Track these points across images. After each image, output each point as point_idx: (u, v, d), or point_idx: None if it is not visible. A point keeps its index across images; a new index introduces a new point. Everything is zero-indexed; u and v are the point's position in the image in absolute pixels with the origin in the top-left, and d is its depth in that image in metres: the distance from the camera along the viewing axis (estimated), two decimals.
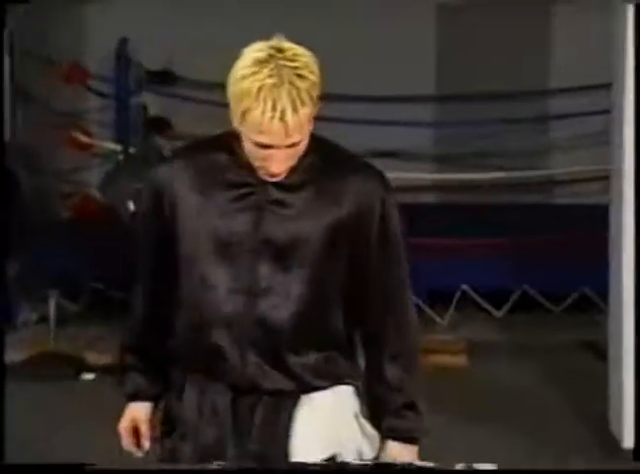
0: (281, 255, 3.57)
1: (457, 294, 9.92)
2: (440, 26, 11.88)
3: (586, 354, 8.54)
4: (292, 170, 3.55)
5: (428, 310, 9.78)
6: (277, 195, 3.55)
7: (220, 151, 3.63)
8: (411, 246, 3.60)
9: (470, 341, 9.36)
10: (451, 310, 9.88)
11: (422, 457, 3.82)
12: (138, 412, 3.81)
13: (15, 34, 10.09)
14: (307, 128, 3.46)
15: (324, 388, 3.62)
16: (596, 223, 7.64)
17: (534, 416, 7.74)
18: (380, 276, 3.64)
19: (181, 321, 3.68)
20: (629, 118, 7.10)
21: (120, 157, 10.88)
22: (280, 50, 3.38)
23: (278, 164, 3.45)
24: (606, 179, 7.56)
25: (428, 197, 12.08)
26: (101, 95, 11.54)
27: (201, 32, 11.02)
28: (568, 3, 11.08)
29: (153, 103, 11.26)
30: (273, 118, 3.32)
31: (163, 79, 11.30)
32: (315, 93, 3.42)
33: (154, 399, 3.81)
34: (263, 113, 3.31)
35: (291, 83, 3.34)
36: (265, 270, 3.57)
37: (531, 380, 8.52)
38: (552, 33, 11.77)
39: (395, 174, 10.76)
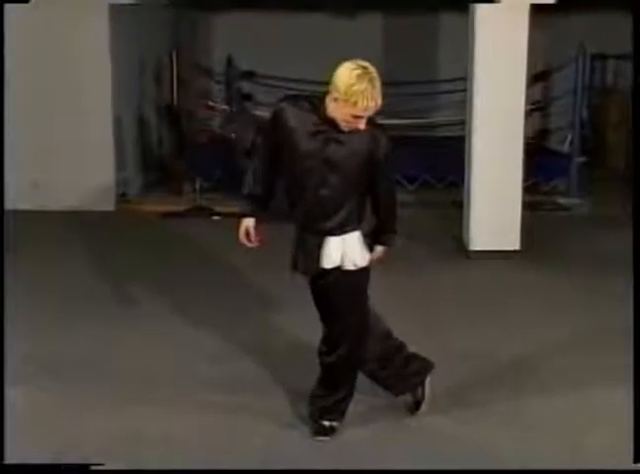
0: (335, 166, 3.49)
1: None
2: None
3: (454, 207, 8.37)
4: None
5: None
6: (335, 135, 3.47)
7: (311, 109, 3.48)
8: None
9: (399, 201, 9.13)
10: None
11: None
12: (248, 222, 3.71)
13: (184, 50, 9.76)
14: None
15: (347, 232, 3.61)
16: (459, 146, 7.49)
17: (426, 234, 7.83)
18: (383, 177, 3.63)
19: (291, 192, 3.61)
20: (476, 89, 6.82)
21: (228, 113, 10.71)
22: (364, 67, 3.33)
23: (360, 124, 3.40)
24: (463, 123, 7.47)
25: None
26: (218, 82, 11.27)
27: (268, 49, 10.78)
28: (453, 17, 10.41)
29: (244, 86, 11.10)
30: (371, 102, 3.32)
31: (249, 74, 11.09)
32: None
33: (254, 217, 3.70)
34: (367, 102, 3.30)
35: (374, 87, 3.32)
36: (326, 172, 3.50)
37: (425, 218, 8.49)
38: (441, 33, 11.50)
39: None
